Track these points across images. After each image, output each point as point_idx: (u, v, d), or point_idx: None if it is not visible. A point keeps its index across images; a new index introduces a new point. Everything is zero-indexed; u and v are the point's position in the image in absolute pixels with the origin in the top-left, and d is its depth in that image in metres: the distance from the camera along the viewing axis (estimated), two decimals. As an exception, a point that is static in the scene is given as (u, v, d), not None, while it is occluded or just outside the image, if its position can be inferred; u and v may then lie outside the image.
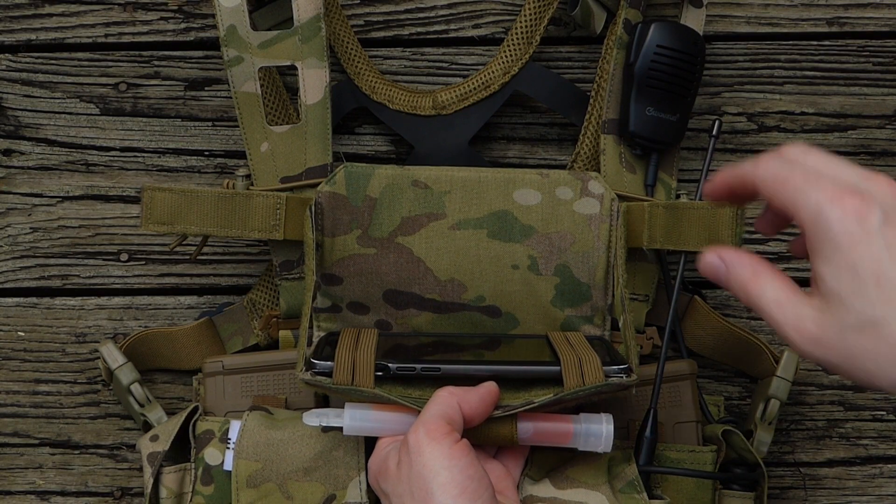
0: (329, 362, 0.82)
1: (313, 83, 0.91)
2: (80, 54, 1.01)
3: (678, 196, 0.95)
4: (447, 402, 0.79)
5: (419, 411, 0.80)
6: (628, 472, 0.85)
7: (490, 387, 0.81)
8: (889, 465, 1.00)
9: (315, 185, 0.91)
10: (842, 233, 0.63)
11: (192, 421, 0.91)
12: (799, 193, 0.65)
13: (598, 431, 0.83)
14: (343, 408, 0.83)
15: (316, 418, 0.83)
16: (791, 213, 0.66)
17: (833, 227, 0.64)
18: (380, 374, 0.82)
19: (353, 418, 0.82)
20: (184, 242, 0.93)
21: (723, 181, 0.72)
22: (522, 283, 0.91)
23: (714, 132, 0.94)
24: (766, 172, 0.68)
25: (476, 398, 0.80)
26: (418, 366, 0.83)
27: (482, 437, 0.82)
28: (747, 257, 0.69)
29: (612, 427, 0.83)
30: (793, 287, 0.67)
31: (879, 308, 0.63)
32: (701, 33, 0.94)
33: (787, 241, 1.00)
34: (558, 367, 0.82)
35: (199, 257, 0.96)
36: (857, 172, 0.66)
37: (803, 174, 0.66)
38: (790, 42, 1.00)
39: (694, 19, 0.95)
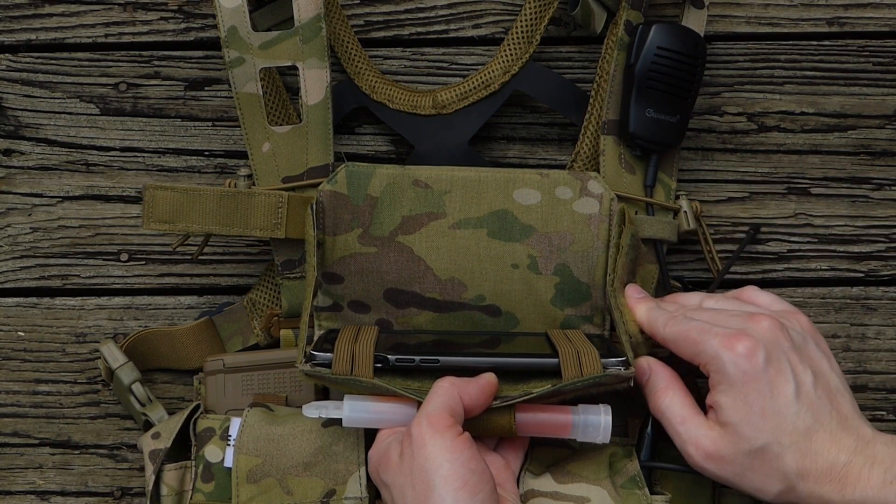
0: (328, 354, 0.82)
1: (314, 83, 0.91)
2: (80, 54, 1.01)
3: (677, 197, 0.96)
4: (449, 393, 0.79)
5: (419, 403, 0.80)
6: (630, 468, 0.86)
7: (489, 377, 0.82)
8: (889, 465, 1.00)
9: (317, 185, 0.91)
10: (735, 373, 0.80)
11: (193, 419, 0.91)
12: (698, 346, 0.82)
13: (596, 422, 0.83)
14: (342, 401, 0.83)
15: (315, 410, 0.83)
16: (696, 361, 0.82)
17: (727, 368, 0.80)
18: (379, 365, 0.82)
19: (353, 409, 0.82)
20: (185, 243, 0.93)
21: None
22: (522, 282, 0.91)
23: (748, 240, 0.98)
24: (668, 333, 0.84)
25: (476, 389, 0.80)
26: (417, 357, 0.83)
27: (481, 428, 0.82)
28: (667, 371, 0.85)
29: (609, 418, 0.83)
30: (695, 408, 0.83)
31: (764, 436, 0.79)
32: (702, 34, 0.94)
33: (788, 240, 1.00)
34: (556, 360, 0.83)
35: (199, 257, 0.96)
36: (742, 316, 0.83)
37: (698, 327, 0.82)
38: (790, 42, 1.00)
39: (695, 20, 0.95)
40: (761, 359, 0.80)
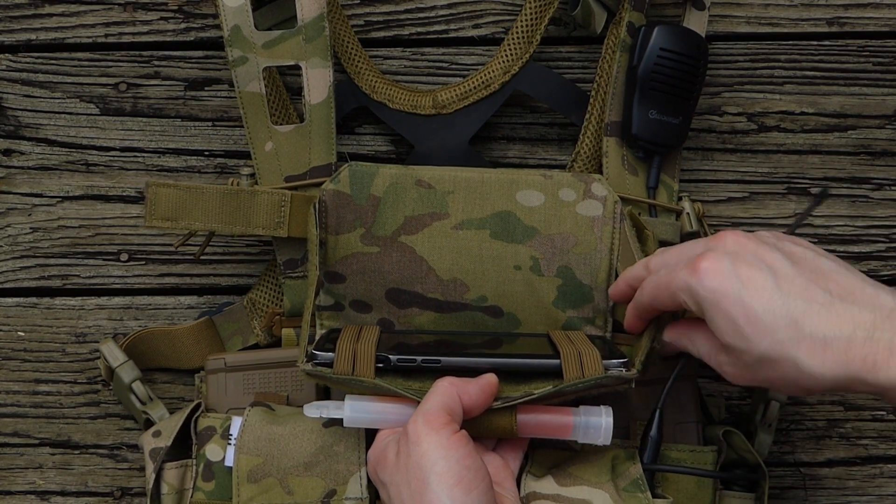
0: (330, 353, 0.82)
1: (317, 83, 0.91)
2: (80, 54, 1.01)
3: (679, 198, 0.96)
4: (447, 392, 0.79)
5: (419, 403, 0.80)
6: (632, 471, 0.85)
7: (490, 378, 0.82)
8: (889, 465, 1.00)
9: (319, 184, 0.91)
10: (709, 294, 0.75)
11: (194, 418, 0.91)
12: (671, 286, 0.78)
13: (597, 424, 0.83)
14: (343, 401, 0.83)
15: (316, 410, 0.83)
16: (678, 303, 0.78)
17: (701, 293, 0.75)
18: (380, 365, 0.82)
19: (354, 409, 0.82)
20: (186, 242, 0.93)
21: (622, 293, 0.86)
22: (524, 283, 0.91)
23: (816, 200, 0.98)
24: (646, 297, 0.81)
25: (476, 389, 0.80)
26: (419, 357, 0.83)
27: (481, 428, 0.82)
28: (681, 325, 0.83)
29: (611, 419, 0.83)
30: (714, 339, 0.78)
31: (759, 342, 0.73)
32: (703, 35, 0.95)
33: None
34: (558, 360, 0.83)
35: (200, 257, 0.96)
36: (704, 240, 0.79)
37: (666, 273, 0.79)
38: (790, 42, 1.00)
39: (696, 21, 0.96)
40: (727, 266, 0.75)
